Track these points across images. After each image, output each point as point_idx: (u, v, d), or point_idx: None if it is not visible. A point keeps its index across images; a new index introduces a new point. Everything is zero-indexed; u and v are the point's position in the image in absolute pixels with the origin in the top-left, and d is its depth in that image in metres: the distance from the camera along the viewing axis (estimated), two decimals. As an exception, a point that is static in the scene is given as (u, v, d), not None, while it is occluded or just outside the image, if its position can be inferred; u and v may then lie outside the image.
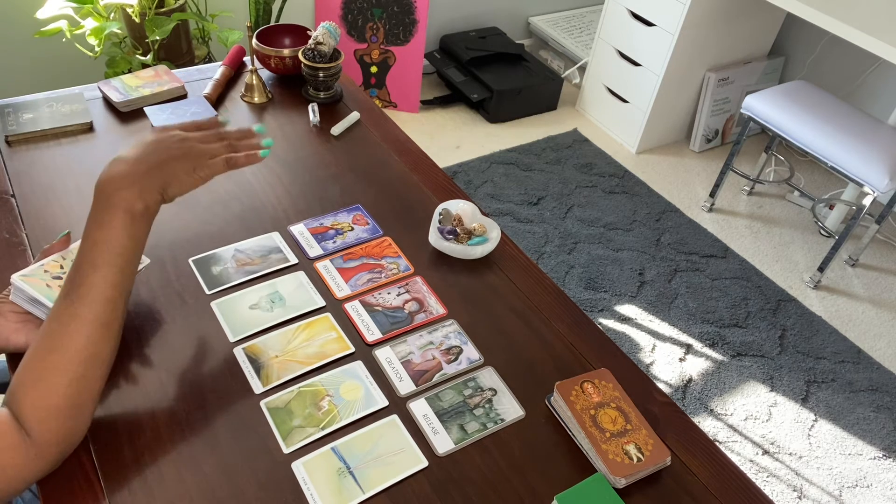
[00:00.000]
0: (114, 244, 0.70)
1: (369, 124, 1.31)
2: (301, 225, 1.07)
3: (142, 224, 0.72)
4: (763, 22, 2.74)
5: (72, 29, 1.94)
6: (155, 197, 0.73)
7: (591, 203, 2.56)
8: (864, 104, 2.76)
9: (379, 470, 0.77)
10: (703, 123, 2.85)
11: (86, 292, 0.69)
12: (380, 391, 0.85)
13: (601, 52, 2.88)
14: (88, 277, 0.69)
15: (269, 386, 0.84)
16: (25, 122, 1.16)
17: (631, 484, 0.78)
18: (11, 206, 1.03)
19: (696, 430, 0.86)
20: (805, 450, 1.85)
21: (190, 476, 0.74)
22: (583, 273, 2.26)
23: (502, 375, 0.89)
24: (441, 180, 1.20)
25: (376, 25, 2.69)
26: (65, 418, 0.68)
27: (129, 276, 0.72)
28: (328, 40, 1.28)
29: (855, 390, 2.01)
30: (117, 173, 0.71)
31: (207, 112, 1.21)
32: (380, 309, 0.95)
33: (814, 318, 2.22)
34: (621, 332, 2.09)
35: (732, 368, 2.03)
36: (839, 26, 2.02)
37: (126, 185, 0.70)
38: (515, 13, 3.25)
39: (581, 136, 2.90)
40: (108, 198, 0.70)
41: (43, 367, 0.67)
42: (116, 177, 0.71)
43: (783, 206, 2.70)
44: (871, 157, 2.06)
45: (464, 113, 2.95)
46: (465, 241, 1.05)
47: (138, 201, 0.71)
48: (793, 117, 2.22)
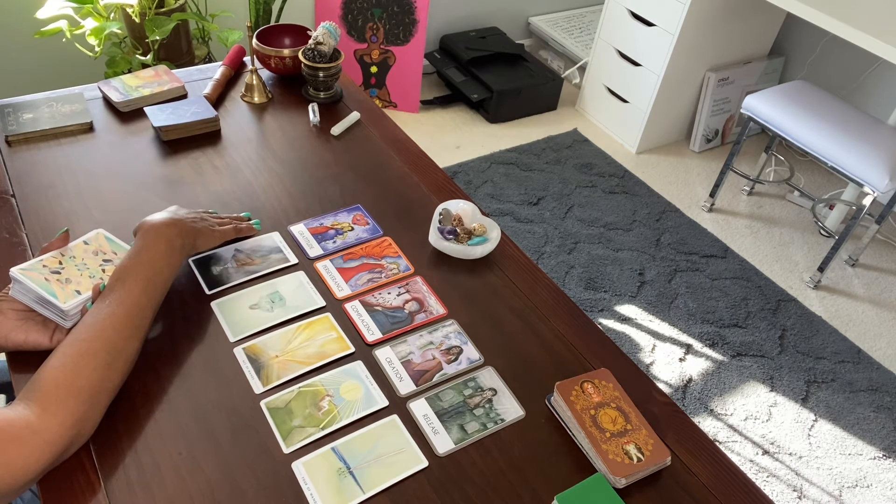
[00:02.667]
0: (155, 264, 0.84)
1: (369, 124, 1.31)
2: (301, 225, 1.07)
3: (178, 256, 0.88)
4: (763, 22, 2.74)
5: (72, 29, 1.94)
6: (189, 240, 0.90)
7: (591, 203, 2.56)
8: (864, 104, 2.76)
9: (379, 470, 0.77)
10: (703, 123, 2.85)
11: (124, 297, 0.80)
12: (380, 391, 0.85)
13: (601, 52, 2.88)
14: (127, 285, 0.81)
15: (269, 386, 0.84)
16: (25, 122, 1.16)
17: (631, 484, 0.78)
18: (11, 206, 1.03)
19: (696, 430, 0.86)
20: (805, 450, 1.85)
21: (190, 476, 0.74)
22: (583, 273, 2.26)
23: (502, 375, 0.89)
24: (441, 180, 1.20)
25: (376, 25, 2.69)
26: (83, 402, 0.72)
27: (160, 292, 0.84)
28: (328, 40, 1.28)
29: (855, 390, 2.01)
30: (163, 218, 0.89)
31: (207, 112, 1.21)
32: (380, 309, 0.95)
33: (814, 318, 2.22)
34: (621, 332, 2.09)
35: (732, 368, 2.03)
36: (839, 26, 2.02)
37: (170, 225, 0.89)
38: (515, 13, 3.25)
39: (581, 136, 2.90)
40: (156, 231, 0.87)
41: (73, 351, 0.74)
42: (163, 220, 0.89)
43: (783, 206, 2.70)
44: (871, 157, 2.06)
45: (464, 113, 2.95)
46: (465, 241, 1.05)
47: (178, 238, 0.88)
48: (793, 117, 2.22)
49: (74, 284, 0.84)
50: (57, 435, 0.69)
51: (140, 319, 0.80)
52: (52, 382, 0.71)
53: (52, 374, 0.72)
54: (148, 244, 0.85)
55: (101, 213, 1.03)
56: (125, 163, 1.13)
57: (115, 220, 1.02)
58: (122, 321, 0.78)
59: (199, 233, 0.92)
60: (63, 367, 0.73)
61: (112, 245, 0.91)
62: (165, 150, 1.17)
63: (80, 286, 0.84)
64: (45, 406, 0.69)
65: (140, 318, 0.80)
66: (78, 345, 0.75)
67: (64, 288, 0.83)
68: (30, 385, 0.71)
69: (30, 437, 0.67)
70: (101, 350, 0.75)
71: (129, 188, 1.08)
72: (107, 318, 0.77)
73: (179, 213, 0.92)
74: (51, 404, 0.69)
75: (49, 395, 0.70)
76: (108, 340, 0.76)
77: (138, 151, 1.16)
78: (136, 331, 0.79)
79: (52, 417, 0.69)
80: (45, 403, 0.69)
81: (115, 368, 0.76)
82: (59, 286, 0.83)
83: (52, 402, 0.70)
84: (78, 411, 0.71)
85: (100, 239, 0.91)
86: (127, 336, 0.78)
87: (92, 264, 0.88)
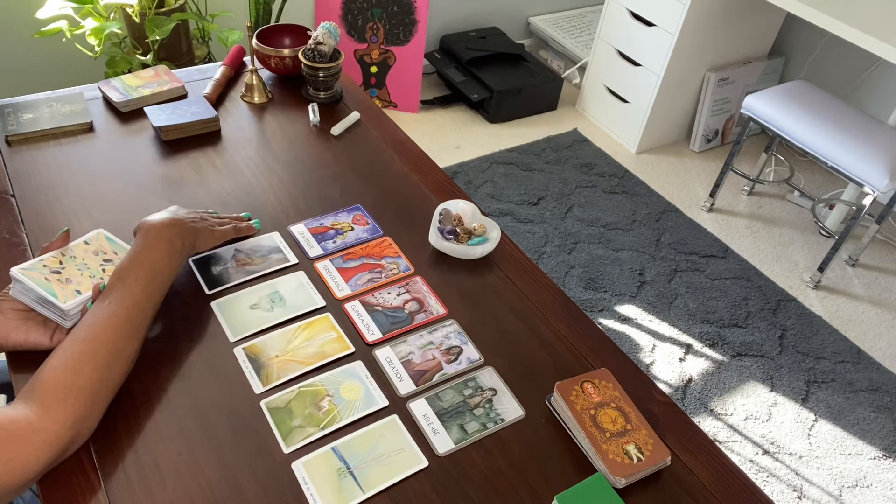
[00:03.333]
0: (155, 264, 0.84)
1: (369, 124, 1.31)
2: (301, 225, 1.07)
3: (178, 256, 0.88)
4: (763, 22, 2.74)
5: (72, 29, 1.94)
6: (189, 240, 0.90)
7: (591, 203, 2.56)
8: (864, 104, 2.76)
9: (379, 470, 0.77)
10: (703, 123, 2.85)
11: (124, 296, 0.80)
12: (380, 391, 0.85)
13: (601, 52, 2.88)
14: (127, 284, 0.81)
15: (269, 386, 0.84)
16: (25, 122, 1.16)
17: (631, 484, 0.78)
18: (11, 206, 1.03)
19: (696, 430, 0.86)
20: (805, 450, 1.85)
21: (190, 476, 0.74)
22: (583, 273, 2.26)
23: (502, 375, 0.89)
24: (441, 180, 1.20)
25: (376, 25, 2.69)
26: (83, 400, 0.72)
27: (159, 292, 0.84)
28: (328, 40, 1.28)
29: (855, 390, 2.01)
30: (163, 218, 0.89)
31: (207, 112, 1.21)
32: (380, 309, 0.95)
33: (814, 318, 2.22)
34: (621, 332, 2.09)
35: (732, 368, 2.03)
36: (839, 26, 2.02)
37: (170, 225, 0.88)
38: (515, 13, 3.25)
39: (581, 136, 2.90)
40: (157, 231, 0.86)
41: (73, 351, 0.74)
42: (163, 220, 0.88)
43: (783, 206, 2.70)
44: (871, 157, 2.06)
45: (464, 113, 2.95)
46: (465, 241, 1.05)
47: (178, 238, 0.88)
48: (793, 117, 2.22)
49: (75, 284, 0.84)
50: (57, 434, 0.69)
51: (140, 319, 0.80)
52: (52, 382, 0.71)
53: (52, 373, 0.72)
54: (148, 244, 0.85)
55: (101, 213, 1.03)
56: (125, 163, 1.13)
57: (114, 219, 1.02)
58: (122, 321, 0.78)
59: (199, 233, 0.92)
60: (63, 366, 0.73)
61: (113, 245, 0.91)
62: (165, 150, 1.17)
63: (80, 286, 0.84)
64: (46, 405, 0.69)
65: (140, 318, 0.80)
66: (78, 345, 0.75)
67: (64, 288, 0.83)
68: (30, 384, 0.72)
69: (30, 436, 0.67)
70: (101, 350, 0.75)
71: (129, 188, 1.08)
72: (107, 318, 0.77)
73: (179, 214, 0.92)
74: (51, 403, 0.70)
75: (49, 394, 0.70)
76: (108, 340, 0.76)
77: (138, 151, 1.16)
78: (135, 331, 0.79)
79: (53, 417, 0.69)
80: (45, 403, 0.69)
81: (115, 368, 0.76)
82: (59, 286, 0.83)
83: (53, 402, 0.70)
84: (78, 411, 0.71)
85: (100, 239, 0.91)
86: (127, 336, 0.78)
87: (92, 264, 0.88)
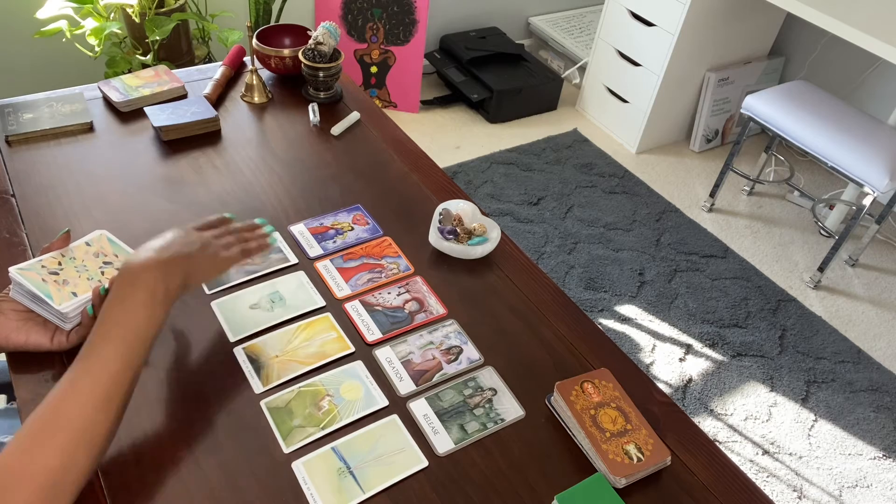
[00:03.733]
0: (131, 321, 0.70)
1: (369, 124, 1.31)
2: (301, 225, 1.07)
3: (161, 307, 0.73)
4: (763, 22, 2.74)
5: (72, 29, 1.94)
6: (176, 282, 0.75)
7: (591, 203, 2.56)
8: (864, 104, 2.76)
9: (379, 470, 0.77)
10: (703, 123, 2.85)
11: (92, 364, 0.68)
12: (380, 391, 0.85)
13: (601, 52, 2.88)
14: (97, 349, 0.68)
15: (269, 386, 0.84)
16: (25, 122, 1.16)
17: (631, 484, 0.78)
18: (11, 206, 1.03)
19: (696, 430, 0.86)
20: (805, 450, 1.85)
21: (190, 476, 0.74)
22: (583, 273, 2.26)
23: (502, 375, 0.89)
24: (441, 180, 1.20)
25: (376, 25, 2.69)
26: (36, 491, 0.62)
27: (139, 355, 0.71)
28: (328, 40, 1.28)
29: (855, 390, 2.01)
30: (144, 258, 0.73)
31: (207, 112, 1.21)
32: (380, 309, 0.95)
33: (814, 318, 2.22)
34: (621, 332, 2.09)
35: (732, 368, 2.03)
36: (839, 26, 2.02)
37: (151, 269, 0.73)
38: (515, 13, 3.25)
39: (581, 136, 2.90)
40: (133, 278, 0.72)
41: (27, 431, 0.64)
42: (143, 261, 0.73)
43: (783, 206, 2.70)
44: (871, 157, 2.06)
45: (464, 113, 2.95)
46: (465, 241, 1.05)
47: (160, 284, 0.73)
48: (793, 117, 2.22)
49: (72, 286, 0.83)
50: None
51: (113, 389, 0.68)
52: (1, 468, 0.62)
53: (3, 458, 0.62)
54: (123, 294, 0.71)
55: (101, 213, 1.03)
56: (125, 163, 1.13)
57: (115, 220, 1.02)
58: (87, 395, 0.66)
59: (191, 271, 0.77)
60: (17, 449, 0.63)
61: (114, 247, 0.91)
62: (165, 150, 1.17)
63: (76, 288, 0.83)
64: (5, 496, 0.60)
65: (113, 388, 0.68)
66: (36, 423, 0.64)
67: (60, 289, 0.82)
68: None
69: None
70: (63, 430, 0.64)
71: (129, 188, 1.08)
72: (68, 391, 0.66)
73: (175, 242, 0.77)
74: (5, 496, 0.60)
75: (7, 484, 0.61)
76: (71, 419, 0.65)
77: (138, 151, 1.16)
78: (106, 404, 0.67)
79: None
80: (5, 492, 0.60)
81: (82, 451, 0.65)
82: (55, 287, 0.82)
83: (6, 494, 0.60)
84: (31, 502, 0.61)
85: (102, 240, 0.91)
86: (93, 414, 0.66)
87: (91, 266, 0.87)
